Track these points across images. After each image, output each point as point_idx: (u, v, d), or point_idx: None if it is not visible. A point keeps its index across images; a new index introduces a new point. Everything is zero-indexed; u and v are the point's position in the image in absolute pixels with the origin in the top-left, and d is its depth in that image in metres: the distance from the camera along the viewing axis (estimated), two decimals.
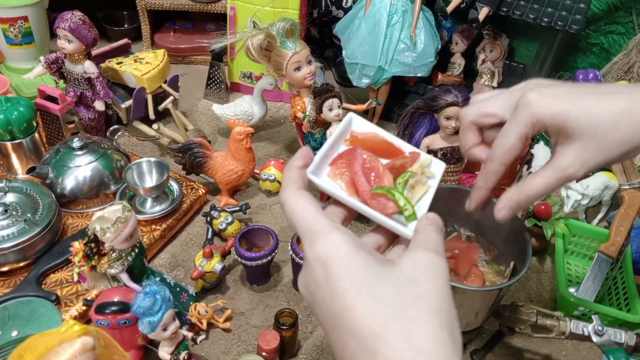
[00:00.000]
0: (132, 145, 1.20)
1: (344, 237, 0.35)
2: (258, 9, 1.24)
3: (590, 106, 0.42)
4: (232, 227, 0.98)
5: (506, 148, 0.45)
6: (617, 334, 0.72)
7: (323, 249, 0.35)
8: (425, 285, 0.34)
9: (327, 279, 0.34)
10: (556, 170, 0.44)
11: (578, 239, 1.01)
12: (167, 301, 0.71)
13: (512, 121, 0.45)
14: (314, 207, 0.38)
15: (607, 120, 0.41)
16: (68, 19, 1.04)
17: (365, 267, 0.34)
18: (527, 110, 0.43)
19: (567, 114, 0.42)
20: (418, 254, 0.36)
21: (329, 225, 0.36)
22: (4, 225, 0.86)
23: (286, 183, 0.40)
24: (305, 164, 0.41)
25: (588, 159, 0.43)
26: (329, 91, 1.00)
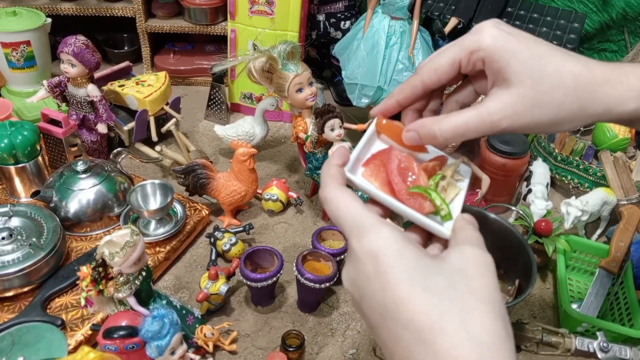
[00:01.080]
0: (135, 167, 1.21)
1: (393, 232, 0.35)
2: (259, 32, 1.27)
3: (541, 56, 0.39)
4: (235, 248, 0.98)
5: (433, 66, 0.42)
6: (622, 350, 0.72)
7: (374, 243, 0.35)
8: (477, 278, 0.34)
9: (378, 272, 0.34)
10: (481, 112, 0.40)
11: (579, 254, 1.02)
12: (175, 324, 0.72)
13: (455, 43, 0.42)
14: (359, 202, 0.37)
15: (553, 77, 0.38)
16: (72, 44, 1.05)
17: (417, 261, 0.34)
18: (474, 36, 0.40)
19: (514, 54, 0.39)
20: (466, 249, 0.36)
21: (377, 220, 0.36)
22: (9, 250, 0.86)
23: (327, 180, 0.40)
24: (343, 162, 0.41)
25: (518, 111, 0.39)
26: (331, 112, 1.02)
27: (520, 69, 0.39)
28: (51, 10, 1.40)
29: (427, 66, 0.43)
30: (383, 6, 1.16)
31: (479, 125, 0.40)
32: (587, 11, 1.25)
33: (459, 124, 0.41)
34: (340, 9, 1.44)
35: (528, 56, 0.39)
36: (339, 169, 0.41)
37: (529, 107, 0.39)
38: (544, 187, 1.09)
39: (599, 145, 1.24)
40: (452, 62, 0.41)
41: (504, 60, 0.39)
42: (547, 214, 1.03)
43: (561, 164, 1.19)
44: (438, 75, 0.42)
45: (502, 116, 0.39)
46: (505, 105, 0.39)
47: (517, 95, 0.39)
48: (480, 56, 0.40)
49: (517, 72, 0.39)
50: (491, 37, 0.40)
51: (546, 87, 0.38)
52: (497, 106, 0.39)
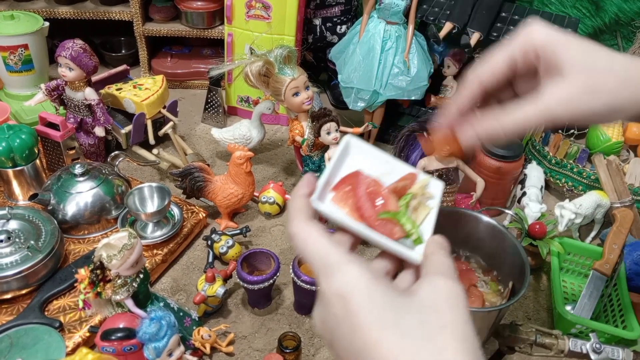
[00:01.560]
0: (132, 170, 1.22)
1: (361, 270, 0.34)
2: (256, 36, 1.28)
3: (589, 49, 0.41)
4: (232, 251, 0.99)
5: (489, 67, 0.43)
6: (614, 351, 0.73)
7: (341, 283, 0.34)
8: (449, 313, 0.33)
9: (348, 314, 0.33)
10: (541, 106, 0.41)
11: (573, 257, 1.03)
12: (172, 326, 0.72)
13: (507, 43, 0.42)
14: (326, 238, 0.36)
15: (604, 63, 0.40)
16: (69, 48, 1.06)
17: (386, 300, 0.33)
18: (525, 35, 0.41)
19: (565, 46, 0.40)
20: (436, 281, 0.35)
21: (344, 257, 0.35)
22: (7, 253, 0.87)
23: (294, 214, 0.38)
24: (310, 191, 0.40)
25: (575, 100, 0.40)
26: (327, 115, 1.03)
27: (573, 60, 0.40)
28: (49, 14, 1.41)
29: (483, 68, 0.43)
30: (379, 11, 1.18)
31: (539, 117, 0.41)
32: (581, 16, 1.27)
33: (521, 119, 0.41)
34: (337, 13, 1.45)
35: (579, 49, 0.40)
36: (304, 200, 0.39)
37: (585, 95, 0.40)
38: (538, 190, 1.11)
39: (593, 148, 1.26)
40: (509, 60, 0.42)
41: (558, 53, 0.40)
42: (541, 216, 1.04)
43: (555, 167, 1.20)
44: (496, 76, 0.42)
45: (560, 106, 0.40)
46: (562, 95, 0.40)
47: (572, 84, 0.40)
48: (535, 51, 0.41)
49: (571, 63, 0.40)
50: (543, 33, 0.41)
51: (599, 75, 0.40)
52: (555, 97, 0.40)
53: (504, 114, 0.42)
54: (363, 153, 0.46)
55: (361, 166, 0.45)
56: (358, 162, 0.45)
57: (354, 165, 0.45)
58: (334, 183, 0.43)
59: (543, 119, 0.41)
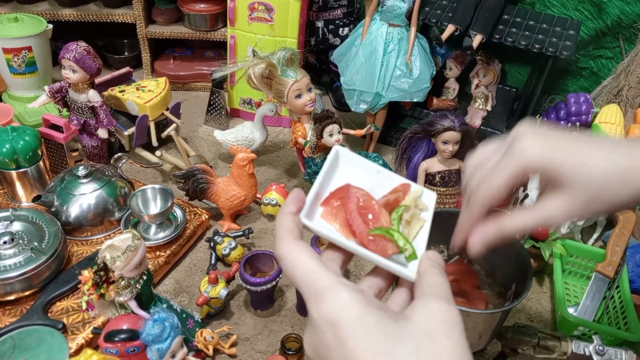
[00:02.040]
0: (135, 172, 1.22)
1: (352, 295, 0.33)
2: (259, 38, 1.28)
3: (585, 161, 0.41)
4: (235, 252, 0.99)
5: (491, 194, 0.44)
6: (617, 353, 0.73)
7: (332, 310, 0.32)
8: (443, 340, 0.32)
9: (339, 342, 0.32)
10: (539, 215, 0.44)
11: (575, 259, 1.03)
12: (175, 328, 0.72)
13: (503, 167, 0.43)
14: (315, 260, 0.35)
15: (600, 177, 0.41)
16: (73, 50, 1.07)
17: (379, 327, 0.32)
18: (520, 159, 0.43)
19: (561, 165, 0.42)
20: (431, 305, 0.35)
21: (334, 282, 0.34)
22: (11, 254, 0.87)
23: (281, 233, 0.37)
24: (298, 208, 0.38)
25: (573, 210, 0.43)
26: (329, 117, 1.03)
27: (568, 179, 0.42)
28: (52, 16, 1.41)
29: (484, 196, 0.44)
30: (381, 13, 1.18)
31: (539, 225, 0.45)
32: (583, 18, 1.27)
33: (521, 227, 0.44)
34: (339, 15, 1.45)
35: (575, 163, 0.41)
36: (293, 218, 0.38)
37: (585, 206, 0.42)
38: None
39: None
40: (509, 186, 0.43)
41: (555, 171, 0.42)
42: None
43: None
44: (498, 199, 0.44)
45: (560, 218, 0.43)
46: (560, 209, 0.43)
47: (570, 199, 0.42)
48: (533, 171, 0.43)
49: (566, 181, 0.42)
50: (536, 152, 0.42)
51: (595, 189, 0.41)
52: (555, 209, 0.43)
53: (506, 221, 0.45)
54: (353, 164, 0.45)
55: (351, 178, 0.43)
56: (348, 174, 0.44)
57: (343, 177, 0.44)
58: (324, 197, 0.42)
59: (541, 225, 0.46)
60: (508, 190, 0.44)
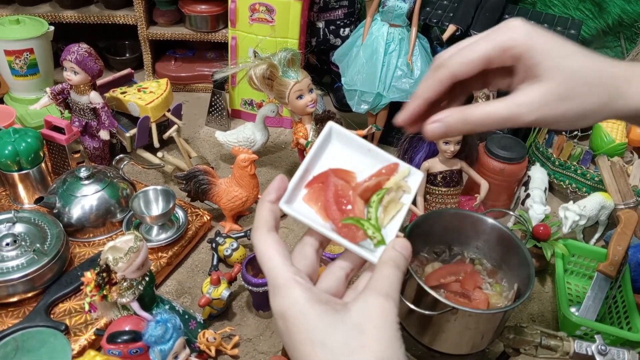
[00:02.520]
0: (137, 173, 1.22)
1: (301, 293, 0.37)
2: (260, 39, 1.28)
3: (569, 53, 0.41)
4: (237, 253, 0.99)
5: (464, 60, 0.42)
6: (620, 353, 0.73)
7: (283, 304, 0.38)
8: (371, 332, 0.36)
9: (287, 330, 0.37)
10: (509, 103, 0.41)
11: (577, 259, 1.03)
12: (177, 329, 0.73)
13: (486, 37, 0.41)
14: (280, 255, 0.39)
15: (579, 72, 0.40)
16: (75, 52, 1.07)
17: (318, 320, 0.36)
18: (507, 33, 0.41)
19: (546, 52, 0.40)
20: (369, 299, 0.38)
21: (289, 280, 0.38)
22: (13, 256, 0.87)
23: (257, 223, 0.40)
24: (277, 197, 0.41)
25: (545, 105, 0.41)
26: (331, 118, 1.03)
27: (550, 66, 0.40)
28: (54, 18, 1.41)
29: (458, 60, 0.42)
30: (382, 13, 1.18)
31: (507, 116, 0.41)
32: (584, 18, 1.27)
33: (488, 113, 0.42)
34: (340, 16, 1.45)
35: (558, 54, 0.40)
36: (271, 207, 0.41)
37: (557, 101, 0.40)
38: (542, 191, 1.11)
39: (597, 150, 1.26)
40: (485, 57, 0.41)
41: (537, 58, 0.40)
42: (545, 218, 1.04)
43: (559, 169, 1.20)
44: (469, 69, 0.42)
45: (531, 109, 0.41)
46: (535, 98, 0.41)
47: (546, 89, 0.40)
48: (514, 53, 0.41)
49: (548, 69, 0.40)
50: (523, 33, 0.40)
51: (573, 83, 0.40)
52: (527, 99, 0.41)
53: (471, 107, 0.42)
54: (345, 141, 0.45)
55: (341, 156, 0.45)
56: (339, 151, 0.45)
57: (333, 155, 0.45)
58: (309, 177, 0.43)
59: (509, 117, 0.41)
60: (482, 64, 0.41)
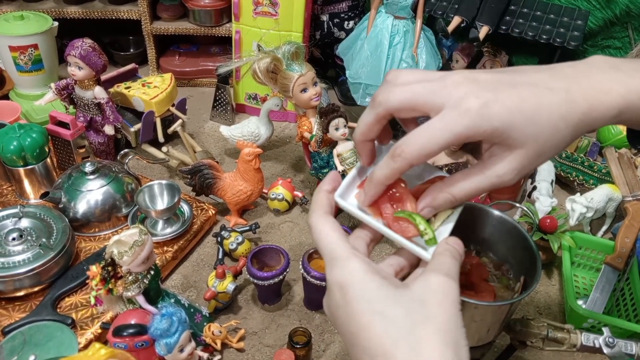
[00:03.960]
0: (142, 168, 1.22)
1: (360, 264, 0.38)
2: (264, 32, 1.27)
3: (532, 116, 0.40)
4: (242, 247, 0.99)
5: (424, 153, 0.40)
6: (628, 345, 0.72)
7: (341, 275, 0.38)
8: (433, 307, 0.36)
9: (345, 301, 0.37)
10: (490, 176, 0.42)
11: (584, 251, 1.02)
12: (183, 322, 0.73)
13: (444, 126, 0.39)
14: (337, 232, 0.40)
15: (547, 128, 0.40)
16: (79, 47, 1.07)
17: (378, 291, 0.37)
18: (464, 121, 0.39)
19: (510, 127, 0.39)
20: (430, 277, 0.38)
21: (348, 252, 0.39)
22: (19, 250, 0.87)
23: (314, 207, 0.43)
24: (333, 187, 0.43)
25: (525, 166, 0.42)
26: (335, 111, 1.03)
27: (518, 136, 0.40)
28: (58, 14, 1.42)
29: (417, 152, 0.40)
30: (386, 6, 1.17)
31: (489, 187, 0.43)
32: (591, 8, 1.25)
33: (472, 191, 0.43)
34: (344, 9, 1.44)
35: (521, 123, 0.39)
36: (327, 195, 0.43)
37: (534, 159, 0.41)
38: (548, 184, 1.10)
39: (604, 142, 1.24)
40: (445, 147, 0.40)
41: (503, 135, 0.40)
42: (552, 211, 1.03)
43: (566, 161, 1.19)
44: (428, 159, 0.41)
45: (513, 176, 0.42)
46: (513, 167, 0.41)
47: (521, 156, 0.41)
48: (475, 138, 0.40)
49: (516, 139, 0.40)
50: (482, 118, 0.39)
51: (544, 139, 0.40)
52: (506, 169, 0.41)
53: (454, 185, 0.43)
54: None
55: None
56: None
57: None
58: (360, 181, 0.46)
59: (492, 187, 0.43)
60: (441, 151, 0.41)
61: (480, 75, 0.41)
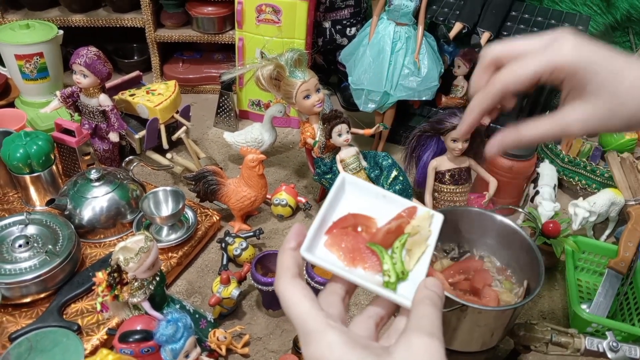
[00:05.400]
0: (146, 175, 1.23)
1: (337, 337, 0.35)
2: (267, 40, 1.28)
3: (617, 71, 0.41)
4: (246, 253, 0.99)
5: (515, 76, 0.43)
6: (632, 349, 0.73)
7: (317, 351, 0.35)
8: None
9: None
10: (559, 122, 0.44)
11: (587, 255, 1.02)
12: (188, 328, 0.73)
13: (537, 55, 0.43)
14: (308, 300, 0.37)
15: (628, 89, 0.41)
16: (84, 55, 1.08)
17: None
18: (558, 52, 0.42)
19: (594, 71, 0.41)
20: (412, 340, 0.35)
21: (322, 324, 0.36)
22: (26, 257, 0.88)
23: (280, 272, 0.39)
24: (298, 243, 0.40)
25: (594, 119, 0.42)
26: (338, 117, 1.03)
27: (598, 85, 0.41)
28: (63, 22, 1.43)
29: (509, 77, 0.44)
30: (388, 12, 1.18)
31: (558, 133, 0.44)
32: (592, 13, 1.26)
33: (539, 134, 0.45)
34: (346, 15, 1.45)
35: (606, 72, 0.41)
36: (292, 254, 0.39)
37: (604, 118, 0.42)
38: (551, 188, 1.10)
39: (606, 146, 1.25)
40: (535, 75, 0.43)
41: (585, 78, 0.42)
42: (554, 215, 1.04)
43: (568, 166, 1.20)
44: (520, 86, 0.44)
45: (578, 125, 0.43)
46: (581, 116, 0.42)
47: (593, 107, 0.42)
48: (563, 72, 0.42)
49: (596, 88, 0.41)
50: (574, 53, 0.42)
51: (620, 101, 0.41)
52: (574, 117, 0.43)
53: (525, 127, 0.45)
54: (358, 190, 0.45)
55: (357, 204, 0.44)
56: (354, 200, 0.45)
57: (349, 204, 0.44)
58: (328, 225, 0.43)
59: (560, 134, 0.44)
60: (532, 81, 0.43)
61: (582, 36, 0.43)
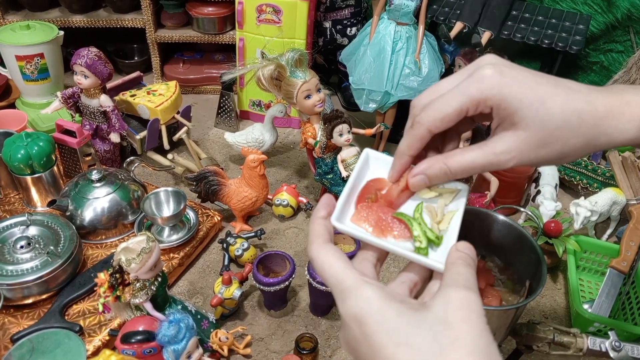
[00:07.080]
0: (147, 175, 1.23)
1: (374, 291, 0.35)
2: (267, 40, 1.28)
3: (545, 99, 0.39)
4: (248, 253, 0.99)
5: (440, 116, 0.41)
6: (634, 349, 0.72)
7: (356, 306, 0.35)
8: (459, 326, 0.34)
9: (365, 335, 0.34)
10: (488, 152, 0.41)
11: (589, 255, 1.02)
12: (190, 329, 0.73)
13: (459, 90, 0.41)
14: (342, 260, 0.38)
15: (558, 116, 0.39)
16: (84, 56, 1.08)
17: (399, 318, 0.34)
18: (479, 85, 0.40)
19: (520, 100, 0.39)
20: (449, 293, 0.36)
21: (358, 280, 0.36)
22: (27, 258, 0.88)
23: (312, 237, 0.40)
24: (328, 212, 0.41)
25: (524, 152, 0.40)
26: (339, 117, 1.03)
27: (526, 114, 0.39)
28: (63, 23, 1.43)
29: (432, 116, 0.41)
30: (389, 12, 1.18)
31: (485, 164, 0.41)
32: (592, 12, 1.26)
33: (467, 163, 0.42)
34: (347, 15, 1.45)
35: (533, 100, 0.39)
36: (323, 222, 0.40)
37: (535, 148, 0.40)
38: (552, 188, 1.10)
39: None
40: (459, 111, 0.41)
41: (512, 108, 0.39)
42: (556, 214, 1.04)
43: (569, 165, 1.20)
44: (445, 124, 0.41)
45: (509, 157, 0.41)
46: (512, 146, 0.40)
47: (523, 137, 0.40)
48: (488, 104, 0.40)
49: (524, 117, 0.39)
50: (497, 85, 0.40)
51: (552, 128, 0.39)
52: (504, 147, 0.41)
53: (452, 156, 0.42)
54: (383, 164, 0.46)
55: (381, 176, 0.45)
56: (377, 175, 0.46)
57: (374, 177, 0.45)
58: (355, 198, 0.44)
59: (490, 165, 0.41)
60: (459, 117, 0.41)
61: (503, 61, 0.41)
